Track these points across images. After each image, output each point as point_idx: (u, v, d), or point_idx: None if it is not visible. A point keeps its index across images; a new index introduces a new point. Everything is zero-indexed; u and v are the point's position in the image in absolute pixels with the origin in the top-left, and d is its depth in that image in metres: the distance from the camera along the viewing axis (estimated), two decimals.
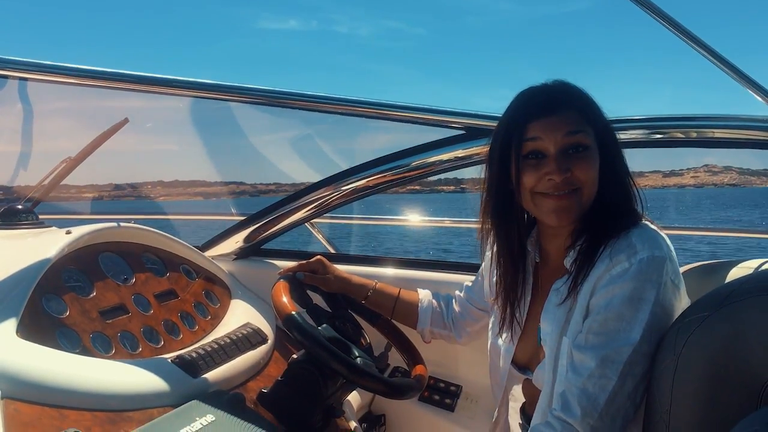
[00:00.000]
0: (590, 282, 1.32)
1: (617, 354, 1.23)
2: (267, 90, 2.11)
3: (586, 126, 1.36)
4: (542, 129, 1.35)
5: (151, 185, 13.39)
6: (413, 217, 3.50)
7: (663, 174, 63.54)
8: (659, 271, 1.24)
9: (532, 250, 1.55)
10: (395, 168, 2.24)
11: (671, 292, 1.26)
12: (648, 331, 1.23)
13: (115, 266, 1.87)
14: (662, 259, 1.25)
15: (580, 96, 1.40)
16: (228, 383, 1.67)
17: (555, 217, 1.37)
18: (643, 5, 1.56)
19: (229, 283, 2.29)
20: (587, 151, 1.35)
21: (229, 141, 2.71)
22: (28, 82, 2.29)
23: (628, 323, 1.23)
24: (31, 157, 2.55)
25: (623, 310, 1.24)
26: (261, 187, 16.99)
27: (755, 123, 1.73)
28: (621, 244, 1.29)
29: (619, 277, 1.26)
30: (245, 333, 1.90)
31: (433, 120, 2.11)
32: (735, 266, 1.62)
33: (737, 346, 1.05)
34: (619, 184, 1.40)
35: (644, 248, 1.26)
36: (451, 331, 1.87)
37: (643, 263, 1.24)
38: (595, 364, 1.25)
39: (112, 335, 1.64)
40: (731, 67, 1.59)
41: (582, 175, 1.34)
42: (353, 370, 1.52)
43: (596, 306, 1.29)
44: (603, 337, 1.26)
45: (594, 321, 1.28)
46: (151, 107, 2.33)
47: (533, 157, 1.36)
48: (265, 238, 2.55)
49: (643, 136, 1.88)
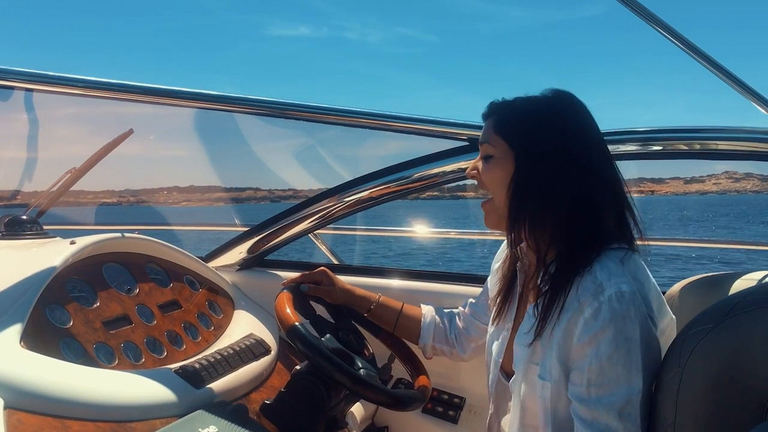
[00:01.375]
0: (561, 324, 1.28)
1: (630, 406, 1.20)
2: (271, 101, 2.12)
3: (494, 136, 1.40)
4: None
5: (158, 192, 13.44)
6: (422, 228, 3.51)
7: (684, 180, 63.48)
8: (632, 305, 1.21)
9: (521, 257, 1.55)
10: (399, 179, 2.24)
11: (647, 321, 1.23)
12: (645, 369, 1.20)
13: (119, 277, 1.87)
14: (632, 293, 1.21)
15: (498, 110, 1.43)
16: (231, 394, 1.67)
17: (484, 221, 1.49)
18: (646, 18, 1.56)
19: (232, 293, 2.29)
20: (490, 160, 1.41)
21: (239, 148, 2.72)
22: (33, 92, 2.31)
23: (625, 367, 1.20)
24: (36, 166, 2.56)
25: (614, 354, 1.20)
26: (278, 192, 16.99)
27: (759, 135, 1.73)
28: (586, 282, 1.26)
29: (594, 319, 1.22)
30: (248, 344, 1.90)
31: (437, 131, 2.11)
32: (739, 278, 1.61)
33: (742, 358, 1.04)
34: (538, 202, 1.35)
35: (610, 284, 1.22)
36: (455, 347, 1.85)
37: (613, 301, 1.20)
38: (616, 422, 1.20)
39: (115, 346, 1.64)
40: (735, 79, 1.59)
41: (486, 180, 1.43)
42: (357, 381, 1.51)
43: (584, 356, 1.24)
44: (606, 388, 1.21)
45: (591, 372, 1.23)
46: (157, 114, 2.34)
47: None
48: (268, 249, 2.55)
49: (647, 149, 1.88)
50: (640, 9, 1.56)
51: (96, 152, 2.42)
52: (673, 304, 1.67)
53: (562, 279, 1.30)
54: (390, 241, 17.98)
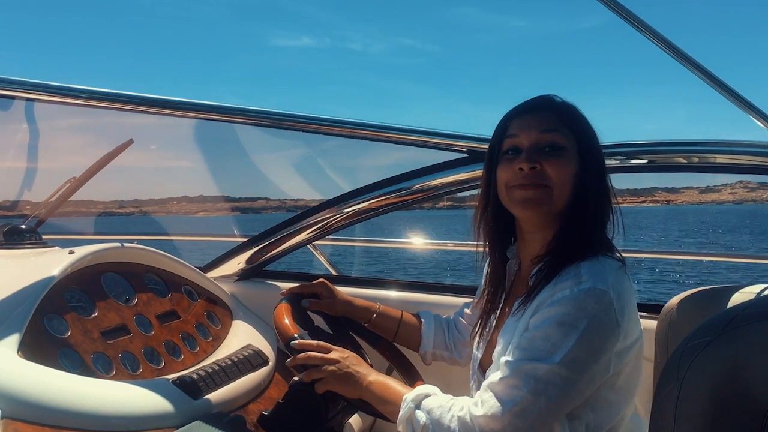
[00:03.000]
0: (533, 305, 1.34)
1: (533, 369, 1.24)
2: (272, 112, 2.12)
3: (563, 128, 1.40)
4: (520, 126, 1.42)
5: (159, 203, 13.39)
6: (419, 240, 3.50)
7: (699, 190, 63.50)
8: (596, 302, 1.24)
9: (512, 258, 1.58)
10: (397, 191, 2.25)
11: (607, 327, 1.25)
12: (571, 358, 1.23)
13: (118, 286, 1.87)
14: (602, 292, 1.25)
15: (563, 104, 1.45)
16: (229, 405, 1.66)
17: (522, 208, 1.41)
18: (644, 31, 1.58)
19: (230, 304, 2.28)
20: (561, 152, 1.38)
21: (245, 159, 2.72)
22: (34, 102, 2.31)
23: (553, 345, 1.24)
24: (36, 176, 2.56)
25: (551, 332, 1.25)
26: (289, 203, 17.08)
27: (757, 149, 1.74)
28: (569, 272, 1.31)
29: (558, 301, 1.27)
30: (246, 354, 1.90)
31: (436, 143, 2.12)
32: (738, 291, 1.62)
33: (741, 371, 1.04)
34: (597, 204, 1.41)
35: (589, 279, 1.26)
36: (453, 353, 1.87)
37: (582, 292, 1.25)
38: (509, 372, 1.27)
39: (113, 356, 1.63)
40: (732, 92, 1.60)
41: (552, 171, 1.37)
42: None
43: (531, 325, 1.31)
44: (526, 353, 1.27)
45: (523, 338, 1.30)
46: (158, 125, 2.35)
47: (511, 153, 1.42)
48: (267, 259, 2.55)
49: (645, 162, 1.89)
50: (636, 21, 1.57)
51: (96, 162, 2.42)
52: (672, 317, 1.67)
53: (558, 264, 1.35)
54: (389, 253, 17.98)
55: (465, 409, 1.31)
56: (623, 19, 1.57)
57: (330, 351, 1.51)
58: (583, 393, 1.27)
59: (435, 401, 1.37)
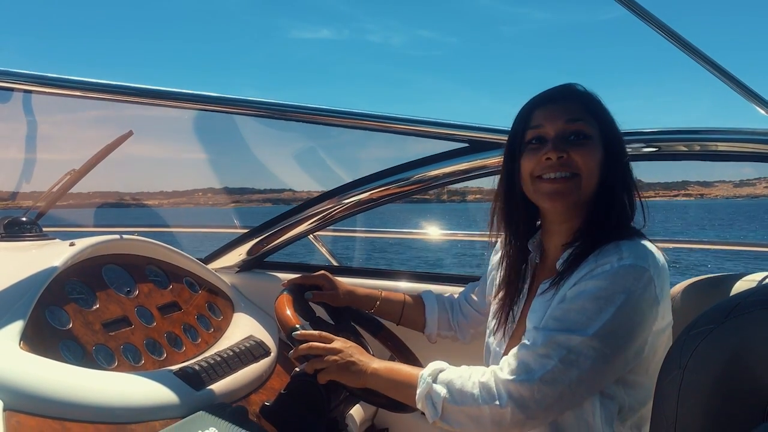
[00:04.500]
0: (572, 280, 1.33)
1: (566, 340, 1.25)
2: (271, 103, 2.11)
3: (588, 117, 1.40)
4: (544, 116, 1.41)
5: (159, 195, 13.32)
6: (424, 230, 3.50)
7: (733, 184, 62.85)
8: (636, 279, 1.25)
9: (533, 250, 1.56)
10: (398, 181, 2.24)
11: (645, 305, 1.26)
12: (606, 332, 1.23)
13: (119, 278, 1.87)
14: (642, 269, 1.26)
15: (586, 93, 1.44)
16: (231, 396, 1.66)
17: (550, 201, 1.40)
18: (649, 22, 1.57)
19: (231, 295, 2.28)
20: (587, 140, 1.38)
21: (253, 151, 2.71)
22: (32, 93, 2.30)
23: (588, 318, 1.24)
24: (36, 168, 2.55)
25: (587, 305, 1.25)
26: (315, 195, 17.02)
27: (759, 136, 1.73)
28: (609, 249, 1.31)
29: (597, 275, 1.28)
30: (248, 346, 1.90)
31: (437, 133, 2.11)
32: (741, 279, 1.61)
33: (743, 359, 1.04)
34: (623, 190, 1.41)
35: (630, 256, 1.27)
36: (457, 333, 1.89)
37: (623, 268, 1.26)
38: (541, 341, 1.27)
39: (114, 347, 1.64)
40: (734, 80, 1.59)
41: (579, 159, 1.36)
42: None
43: (567, 297, 1.31)
44: (560, 323, 1.28)
45: (558, 309, 1.31)
46: (157, 116, 2.34)
47: (535, 142, 1.42)
48: (268, 250, 2.55)
49: (645, 150, 1.88)
50: (642, 12, 1.56)
51: (95, 154, 2.42)
52: (675, 305, 1.67)
53: (590, 245, 1.36)
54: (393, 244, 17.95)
55: (488, 375, 1.31)
56: (636, 15, 1.56)
57: (332, 341, 1.51)
58: (615, 369, 1.27)
59: (452, 373, 1.38)
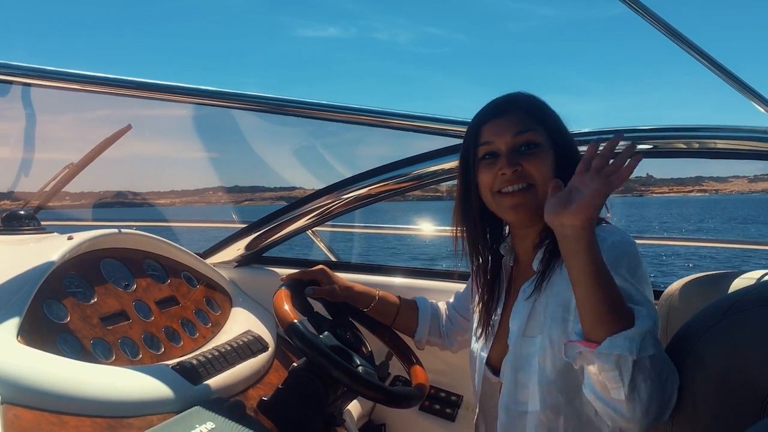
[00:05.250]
0: (564, 275, 1.26)
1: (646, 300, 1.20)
2: (269, 98, 2.11)
3: (535, 125, 1.42)
4: (493, 132, 1.44)
5: (170, 194, 13.25)
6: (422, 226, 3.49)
7: (748, 179, 62.49)
8: (632, 244, 1.29)
9: (506, 254, 1.57)
10: (397, 177, 2.24)
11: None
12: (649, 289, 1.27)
13: (117, 272, 1.87)
14: (630, 240, 1.29)
15: (528, 99, 1.47)
16: (228, 390, 1.66)
17: (513, 213, 1.43)
18: (649, 18, 1.56)
19: (230, 290, 2.28)
20: (537, 148, 1.41)
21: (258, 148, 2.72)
22: (30, 87, 2.29)
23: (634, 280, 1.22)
24: (34, 163, 2.55)
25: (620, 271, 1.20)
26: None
27: (757, 134, 1.73)
28: None
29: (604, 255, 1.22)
30: (246, 340, 1.90)
31: (435, 129, 2.11)
32: (737, 277, 1.62)
33: (740, 356, 1.04)
34: None
35: (613, 235, 1.29)
36: (445, 340, 1.90)
37: (614, 243, 1.26)
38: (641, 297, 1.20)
39: (112, 341, 1.63)
40: (734, 78, 1.59)
41: (532, 169, 1.39)
42: (354, 378, 1.51)
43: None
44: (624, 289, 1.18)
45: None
46: (156, 114, 2.34)
47: (489, 157, 1.44)
48: (266, 245, 2.55)
49: (645, 147, 1.88)
50: (643, 9, 1.56)
51: (94, 148, 2.41)
52: (672, 303, 1.68)
53: None
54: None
55: None
56: (637, 12, 1.56)
57: None
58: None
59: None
